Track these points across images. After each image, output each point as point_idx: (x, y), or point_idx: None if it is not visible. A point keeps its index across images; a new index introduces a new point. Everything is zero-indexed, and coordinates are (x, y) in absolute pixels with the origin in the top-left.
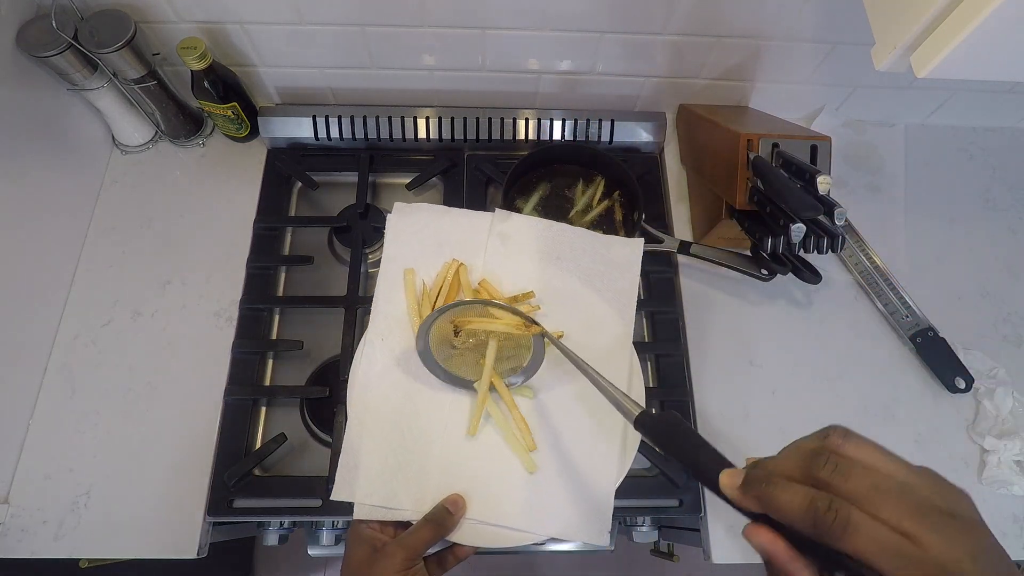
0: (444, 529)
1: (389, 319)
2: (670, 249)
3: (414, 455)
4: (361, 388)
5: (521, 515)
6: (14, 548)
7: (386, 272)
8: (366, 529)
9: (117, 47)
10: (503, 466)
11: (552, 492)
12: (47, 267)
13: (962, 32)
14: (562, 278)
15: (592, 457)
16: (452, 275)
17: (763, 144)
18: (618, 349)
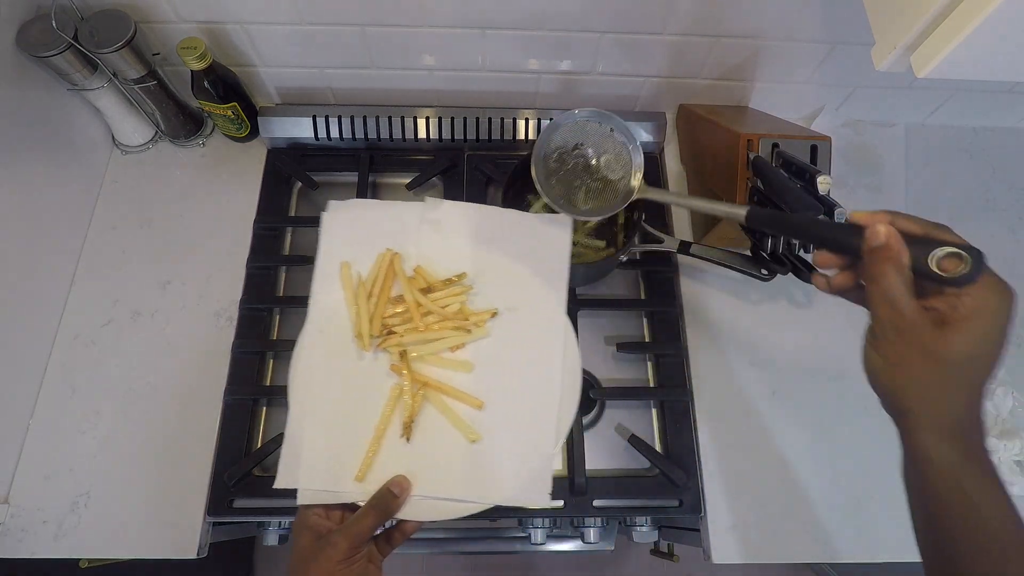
0: (389, 512)
1: (327, 311)
2: (670, 249)
3: (356, 439)
4: (302, 378)
5: (465, 485)
6: (14, 548)
7: (322, 267)
8: (311, 516)
9: (117, 47)
10: (445, 440)
11: (495, 460)
12: (47, 267)
13: (962, 32)
14: (495, 258)
15: (531, 423)
16: (387, 265)
17: (763, 144)
18: (553, 321)
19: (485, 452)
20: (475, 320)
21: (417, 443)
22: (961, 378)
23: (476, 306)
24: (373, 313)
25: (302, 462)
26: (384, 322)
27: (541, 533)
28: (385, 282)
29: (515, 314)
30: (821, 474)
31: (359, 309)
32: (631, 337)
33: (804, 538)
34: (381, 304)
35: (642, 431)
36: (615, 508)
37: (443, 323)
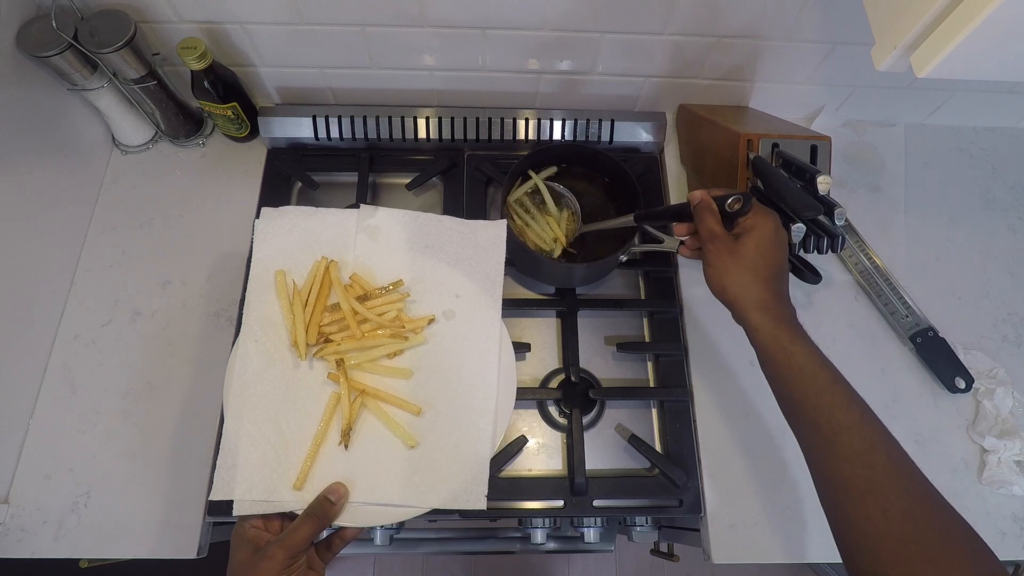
0: (326, 520)
1: (263, 320)
2: (670, 249)
3: (293, 448)
4: (237, 389)
5: (404, 491)
6: (14, 548)
7: (256, 275)
8: (249, 528)
9: (117, 47)
10: (384, 446)
11: (433, 465)
12: (47, 267)
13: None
14: (431, 265)
15: (469, 427)
16: (323, 272)
17: (763, 144)
18: (489, 325)
19: (423, 457)
20: (412, 327)
21: (356, 450)
22: (756, 268)
23: (414, 313)
24: (309, 321)
25: (238, 473)
26: (321, 330)
27: (541, 533)
28: (321, 290)
29: (452, 320)
30: None
31: (295, 318)
32: (631, 337)
33: (804, 538)
34: (317, 312)
35: (642, 431)
36: (615, 508)
37: (380, 330)
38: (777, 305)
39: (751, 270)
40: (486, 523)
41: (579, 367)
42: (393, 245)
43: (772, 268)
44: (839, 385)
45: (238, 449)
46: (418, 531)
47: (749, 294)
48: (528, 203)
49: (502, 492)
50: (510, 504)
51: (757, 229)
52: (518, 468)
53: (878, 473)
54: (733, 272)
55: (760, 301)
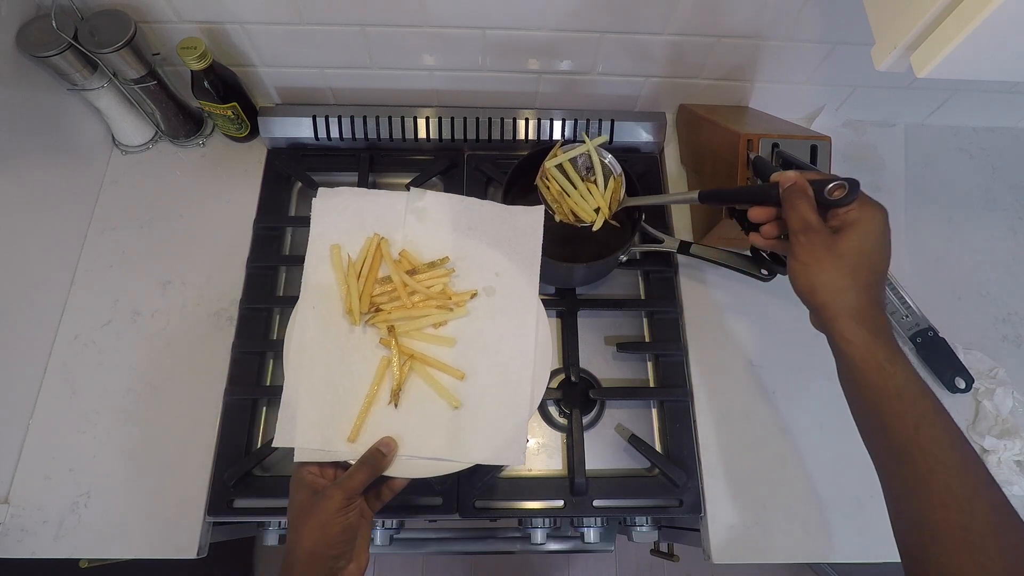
0: (378, 469)
1: (319, 290)
2: (670, 249)
3: (347, 404)
4: (296, 351)
5: (448, 446)
6: (14, 548)
7: (314, 248)
8: (307, 474)
9: (117, 47)
10: (430, 406)
11: (474, 424)
12: (47, 267)
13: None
14: (474, 245)
15: (508, 392)
16: (375, 248)
17: (763, 144)
18: (526, 303)
19: (466, 417)
20: (456, 300)
21: (404, 409)
22: (857, 269)
23: (457, 288)
24: (362, 292)
25: (297, 424)
26: (372, 300)
27: (541, 533)
28: (373, 264)
29: (492, 295)
30: (821, 474)
31: (349, 288)
32: (631, 337)
33: (804, 538)
34: (369, 284)
35: (642, 431)
36: (615, 508)
37: (427, 302)
38: (875, 315)
39: (850, 272)
40: (486, 523)
41: (579, 367)
42: (439, 226)
43: (875, 272)
44: (940, 417)
45: (297, 404)
46: (418, 531)
47: (844, 299)
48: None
49: (502, 492)
50: (510, 504)
51: (863, 224)
52: (518, 468)
53: (978, 523)
54: (828, 272)
55: (856, 309)
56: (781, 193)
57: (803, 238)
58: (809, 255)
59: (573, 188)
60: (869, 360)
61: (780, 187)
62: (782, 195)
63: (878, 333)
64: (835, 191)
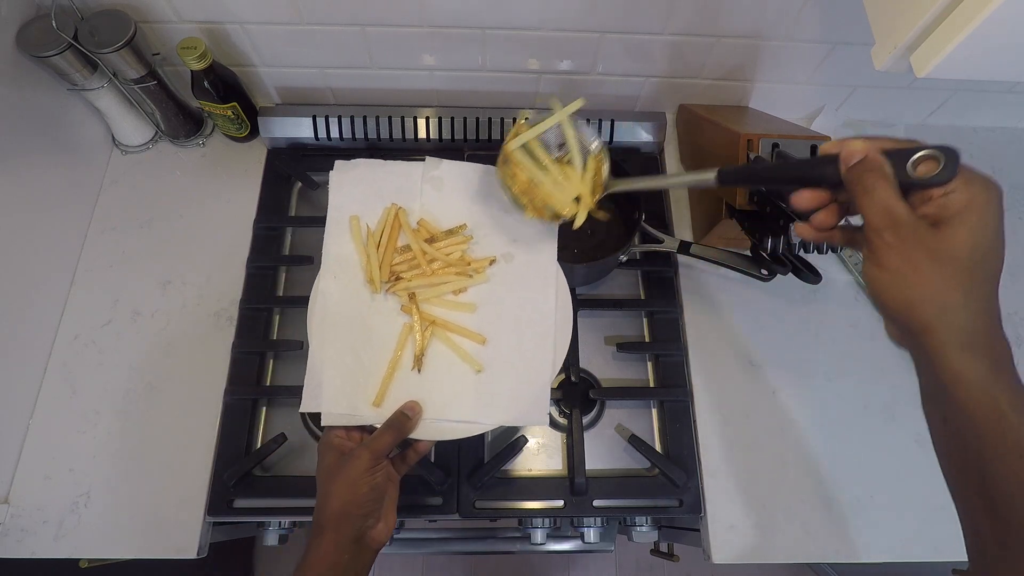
0: (404, 431)
1: (340, 260)
2: (670, 249)
3: (371, 370)
4: (319, 318)
5: (471, 408)
6: (14, 548)
7: (333, 219)
8: (334, 437)
9: (117, 47)
10: (452, 371)
11: (497, 386)
12: (47, 267)
13: (962, 32)
14: (491, 211)
15: (529, 356)
16: (393, 218)
17: (763, 144)
18: (546, 267)
19: (489, 381)
20: (475, 266)
21: (427, 374)
22: (971, 277)
23: (476, 255)
24: (382, 260)
25: (323, 389)
26: (392, 268)
27: (541, 533)
28: (392, 233)
29: (511, 261)
30: (821, 474)
31: (369, 257)
32: (631, 337)
33: (804, 538)
34: (389, 252)
35: (642, 431)
36: (615, 508)
37: (446, 269)
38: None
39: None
40: (486, 523)
41: (579, 367)
42: (456, 194)
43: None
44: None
45: (322, 370)
46: (418, 531)
47: (956, 320)
48: (539, 151)
49: (502, 492)
50: (510, 504)
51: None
52: (518, 468)
53: None
54: (931, 282)
55: (973, 333)
56: (845, 173)
57: (889, 237)
58: (900, 259)
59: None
60: (986, 404)
61: (842, 163)
62: (847, 176)
63: (1000, 368)
64: (923, 165)
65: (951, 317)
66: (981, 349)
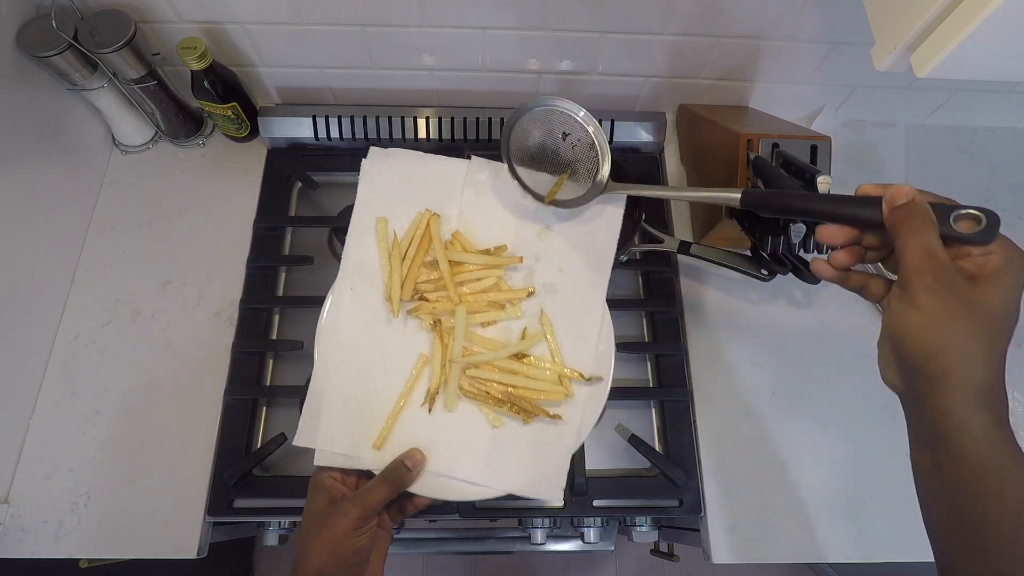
0: (402, 485)
1: (360, 268)
2: (670, 249)
3: (378, 405)
4: (328, 336)
5: (481, 469)
6: (14, 548)
7: (358, 219)
8: (327, 478)
9: (117, 47)
10: (466, 419)
11: (513, 448)
12: (47, 267)
13: (962, 32)
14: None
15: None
16: (424, 227)
17: (763, 144)
18: (589, 311)
19: (505, 438)
20: (509, 297)
21: (438, 416)
22: (997, 335)
23: (513, 281)
24: (405, 277)
25: (321, 423)
26: (417, 287)
27: (541, 533)
28: (421, 244)
29: (553, 294)
30: (821, 474)
31: (392, 271)
32: (631, 337)
33: (804, 538)
34: (415, 268)
35: (642, 431)
36: (615, 508)
37: (477, 296)
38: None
39: (990, 336)
40: (486, 523)
41: None
42: (501, 204)
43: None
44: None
45: (323, 397)
46: (418, 531)
47: (972, 371)
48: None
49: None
50: (510, 504)
51: (1010, 275)
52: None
53: None
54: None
55: (984, 386)
56: (889, 213)
57: (930, 279)
58: (936, 302)
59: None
60: (989, 458)
61: (886, 204)
62: (891, 215)
63: (1003, 423)
64: (964, 222)
65: (971, 366)
66: (990, 401)
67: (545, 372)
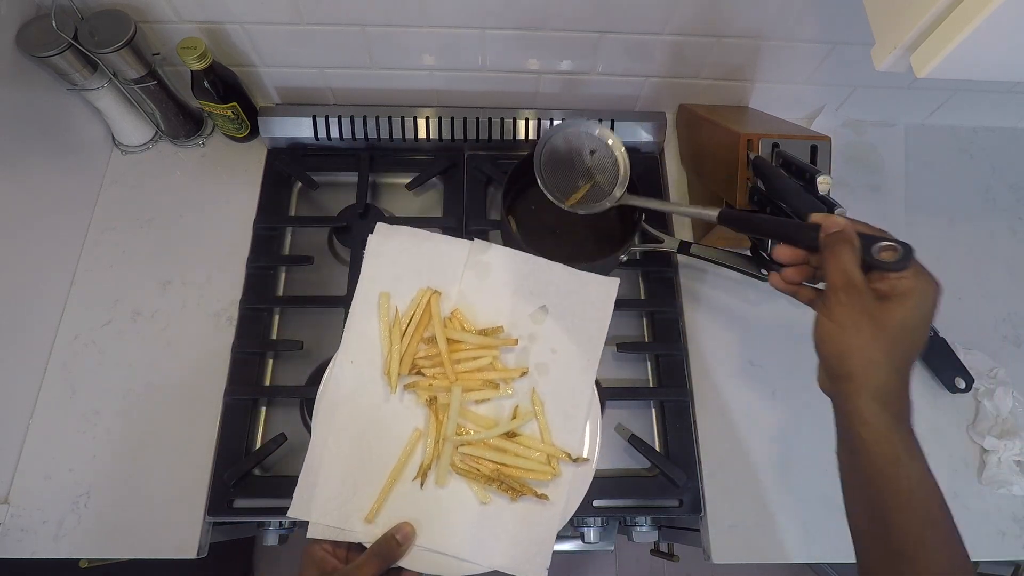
0: (391, 559)
1: (362, 340)
2: (670, 249)
3: (371, 477)
4: (327, 407)
5: (469, 545)
6: (14, 548)
7: (362, 293)
8: (319, 551)
9: (117, 47)
10: (456, 495)
11: (500, 525)
12: (47, 267)
13: (962, 32)
14: (534, 313)
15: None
16: (425, 304)
17: (763, 144)
18: (577, 393)
19: (492, 516)
20: (503, 376)
21: (430, 491)
22: (896, 346)
23: (508, 360)
24: (404, 352)
25: (316, 495)
26: (415, 362)
27: None
28: (421, 320)
29: (545, 374)
30: (821, 474)
31: (391, 346)
32: (631, 337)
33: (804, 538)
34: (413, 344)
35: (642, 431)
36: (615, 508)
37: (472, 374)
38: (903, 399)
39: (890, 346)
40: None
41: None
42: (499, 286)
43: (914, 352)
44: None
45: (320, 469)
46: None
47: (875, 375)
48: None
49: None
50: None
51: (916, 298)
52: None
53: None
54: (865, 341)
55: (884, 388)
56: (822, 238)
57: (843, 296)
58: (847, 317)
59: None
60: (886, 448)
61: (822, 231)
62: (823, 240)
63: (901, 420)
64: (885, 252)
65: (872, 369)
66: (889, 402)
67: (534, 452)
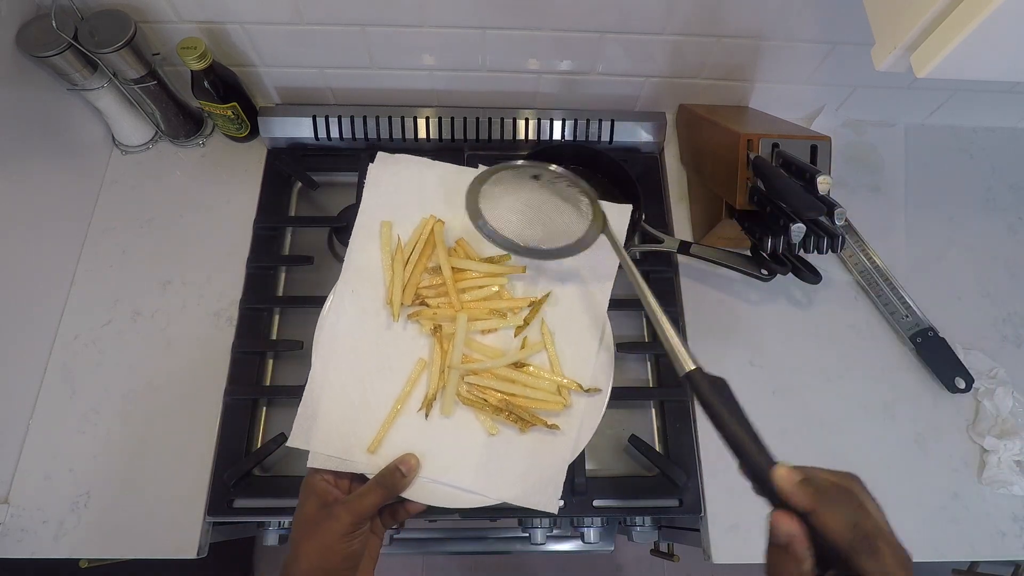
0: (395, 490)
1: (361, 272)
2: (670, 249)
3: (374, 408)
4: (328, 338)
5: (476, 477)
6: (14, 548)
7: (362, 223)
8: (320, 481)
9: (117, 47)
10: (463, 426)
11: (509, 457)
12: (47, 267)
13: (962, 32)
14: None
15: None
16: (428, 232)
17: (763, 144)
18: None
19: (500, 447)
20: (511, 306)
21: (434, 422)
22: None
23: (516, 289)
24: (407, 282)
25: (316, 425)
26: (418, 292)
27: (541, 533)
28: (424, 250)
29: (555, 305)
30: None
31: (394, 276)
32: (631, 337)
33: None
34: (417, 273)
35: (642, 431)
36: (615, 508)
37: (478, 303)
38: None
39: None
40: (486, 523)
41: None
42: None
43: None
44: None
45: (320, 400)
46: (418, 531)
47: None
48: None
49: None
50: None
51: None
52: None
53: None
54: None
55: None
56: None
57: None
58: None
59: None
60: None
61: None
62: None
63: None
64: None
65: None
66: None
67: (544, 382)
